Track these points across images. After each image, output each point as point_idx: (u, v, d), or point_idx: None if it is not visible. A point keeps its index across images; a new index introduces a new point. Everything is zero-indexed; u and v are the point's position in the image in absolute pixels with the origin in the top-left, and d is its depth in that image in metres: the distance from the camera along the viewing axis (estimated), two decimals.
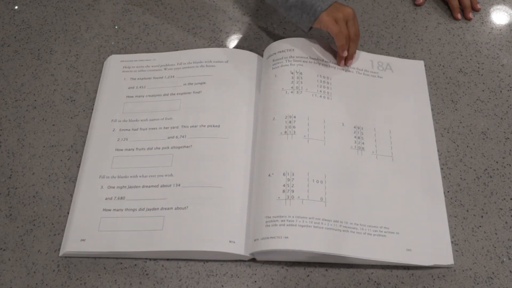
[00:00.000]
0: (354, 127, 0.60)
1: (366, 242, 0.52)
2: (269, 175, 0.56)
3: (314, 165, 0.56)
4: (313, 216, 0.53)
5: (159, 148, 0.61)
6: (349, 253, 0.51)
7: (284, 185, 0.54)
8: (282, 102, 0.61)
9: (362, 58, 0.67)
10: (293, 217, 0.52)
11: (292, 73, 0.63)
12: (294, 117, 0.59)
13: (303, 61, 0.64)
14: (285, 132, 0.58)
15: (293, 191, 0.54)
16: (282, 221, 0.52)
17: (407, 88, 0.65)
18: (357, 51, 0.66)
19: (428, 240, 0.54)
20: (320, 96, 0.62)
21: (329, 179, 0.56)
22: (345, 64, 0.65)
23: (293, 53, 0.64)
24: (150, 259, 0.55)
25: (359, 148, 0.59)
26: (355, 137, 0.60)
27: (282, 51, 0.65)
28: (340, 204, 0.54)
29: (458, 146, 0.61)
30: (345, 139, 0.59)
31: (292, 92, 0.61)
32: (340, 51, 0.63)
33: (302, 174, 0.55)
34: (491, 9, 0.74)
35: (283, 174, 0.55)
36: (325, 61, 0.65)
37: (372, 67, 0.66)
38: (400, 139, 0.60)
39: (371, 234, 0.53)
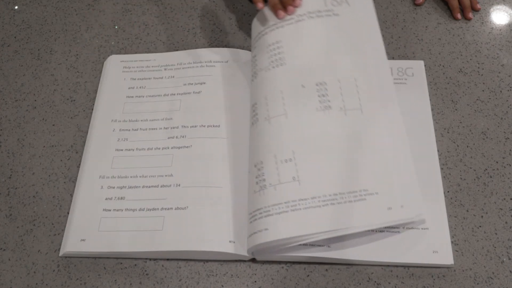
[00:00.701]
0: (316, 84, 0.55)
1: (347, 211, 0.49)
2: (249, 172, 0.55)
3: (279, 145, 0.53)
4: (289, 199, 0.50)
5: (159, 148, 0.61)
6: (329, 227, 0.48)
7: (256, 177, 0.53)
8: (249, 95, 0.60)
9: None
10: (268, 206, 0.50)
11: (252, 62, 0.61)
12: (255, 104, 0.57)
13: (256, 41, 0.61)
14: (252, 123, 0.57)
15: (264, 180, 0.52)
16: (260, 213, 0.51)
17: (366, 24, 0.59)
18: None
19: (408, 194, 0.50)
20: (273, 67, 0.57)
21: (298, 155, 0.52)
22: (287, 13, 0.58)
23: (252, 42, 0.63)
24: (150, 259, 0.55)
25: (326, 108, 0.54)
26: (319, 96, 0.54)
27: (252, 45, 0.64)
28: (314, 178, 0.51)
29: (458, 146, 0.61)
30: (308, 102, 0.54)
31: (252, 80, 0.60)
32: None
33: (269, 159, 0.53)
34: (491, 9, 0.74)
35: (255, 166, 0.54)
36: (273, 25, 0.59)
37: (325, 4, 0.59)
38: (367, 86, 0.55)
39: (351, 201, 0.49)
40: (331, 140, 0.53)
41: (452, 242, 0.54)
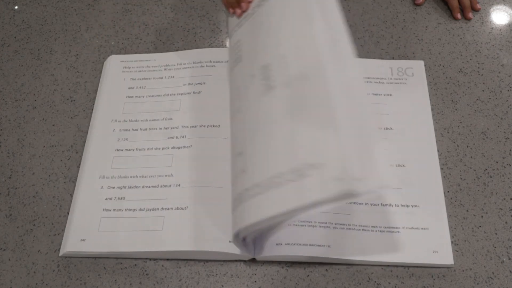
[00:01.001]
0: (261, 68, 0.51)
1: (290, 192, 0.43)
2: None
3: (234, 141, 0.53)
4: (238, 193, 0.48)
5: (159, 149, 0.61)
6: (273, 212, 0.43)
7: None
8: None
9: None
10: (232, 204, 0.50)
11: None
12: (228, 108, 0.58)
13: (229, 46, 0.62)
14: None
15: (232, 180, 0.52)
16: (232, 212, 0.50)
17: None
18: None
19: (363, 162, 0.42)
20: (234, 67, 0.57)
21: (248, 146, 0.49)
22: (242, 9, 0.58)
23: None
24: (150, 259, 0.55)
25: (268, 89, 0.50)
26: (263, 79, 0.51)
27: None
28: (258, 164, 0.47)
29: (458, 146, 0.61)
30: (254, 91, 0.51)
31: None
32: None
33: (231, 158, 0.53)
34: (491, 9, 0.74)
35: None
36: (236, 25, 0.59)
37: None
38: (315, 49, 0.49)
39: (293, 180, 0.43)
40: (273, 121, 0.48)
41: (452, 242, 0.54)
